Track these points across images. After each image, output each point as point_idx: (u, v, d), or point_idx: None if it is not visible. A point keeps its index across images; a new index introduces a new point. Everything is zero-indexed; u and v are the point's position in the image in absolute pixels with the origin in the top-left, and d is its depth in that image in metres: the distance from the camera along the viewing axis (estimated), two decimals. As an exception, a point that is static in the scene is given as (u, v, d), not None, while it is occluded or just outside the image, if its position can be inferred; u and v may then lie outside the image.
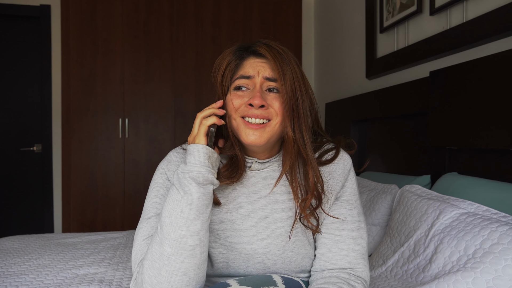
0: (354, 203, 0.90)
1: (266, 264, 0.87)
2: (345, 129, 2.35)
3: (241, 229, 0.86)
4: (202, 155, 0.77)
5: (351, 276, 0.83)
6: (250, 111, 0.81)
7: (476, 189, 1.26)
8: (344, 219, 0.87)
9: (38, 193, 3.08)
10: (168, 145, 3.00)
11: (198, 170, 0.76)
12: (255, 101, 0.79)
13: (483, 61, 1.31)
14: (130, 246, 1.70)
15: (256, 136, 0.81)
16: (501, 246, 0.93)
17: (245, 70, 0.84)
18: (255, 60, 0.84)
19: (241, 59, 0.86)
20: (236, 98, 0.83)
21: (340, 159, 0.91)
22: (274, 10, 3.14)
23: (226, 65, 0.86)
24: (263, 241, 0.86)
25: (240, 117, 0.82)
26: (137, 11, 2.94)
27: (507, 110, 1.20)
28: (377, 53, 2.21)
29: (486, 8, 1.44)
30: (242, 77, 0.83)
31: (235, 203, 0.87)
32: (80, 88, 2.88)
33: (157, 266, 0.75)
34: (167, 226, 0.75)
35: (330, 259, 0.85)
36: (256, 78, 0.83)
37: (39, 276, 1.31)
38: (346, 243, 0.85)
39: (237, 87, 0.84)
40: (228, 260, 0.87)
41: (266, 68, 0.83)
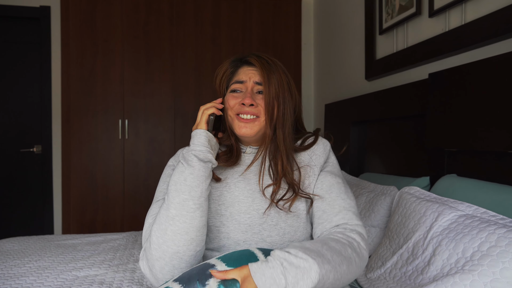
0: (337, 173, 1.06)
1: (263, 236, 0.97)
2: (344, 130, 2.35)
3: (239, 199, 1.00)
4: (203, 137, 0.95)
5: (346, 229, 0.93)
6: (242, 109, 1.00)
7: (474, 191, 1.27)
8: (331, 184, 1.01)
9: (38, 194, 3.09)
10: (168, 145, 3.01)
11: (200, 149, 0.93)
12: (246, 100, 0.99)
13: (482, 64, 1.31)
14: (130, 248, 1.70)
15: (247, 129, 1.00)
16: (498, 248, 0.94)
17: (239, 76, 1.04)
18: (248, 68, 1.04)
19: (236, 68, 1.07)
20: (232, 99, 1.03)
21: (320, 141, 1.09)
22: (273, 11, 3.14)
23: (224, 72, 1.08)
24: (258, 211, 0.98)
25: (235, 114, 1.02)
26: (136, 12, 2.95)
27: (506, 112, 1.20)
28: (377, 55, 2.22)
29: (485, 10, 1.44)
30: (236, 82, 1.04)
31: (233, 178, 1.04)
32: (80, 89, 2.89)
33: (163, 227, 0.89)
34: (173, 192, 0.91)
35: (326, 219, 0.97)
36: (248, 83, 1.03)
37: (40, 278, 1.32)
38: (337, 202, 0.98)
39: (233, 90, 1.04)
40: (229, 231, 0.98)
41: (256, 74, 1.03)
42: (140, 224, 2.95)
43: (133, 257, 1.57)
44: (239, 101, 1.01)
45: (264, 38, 3.13)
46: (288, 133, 1.02)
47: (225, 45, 3.08)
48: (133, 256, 1.58)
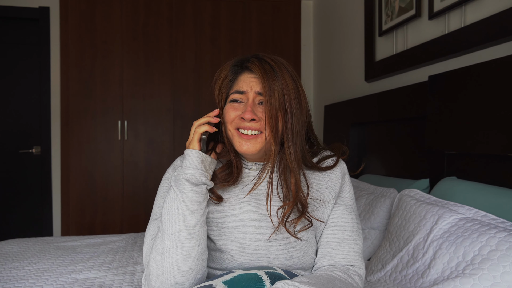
0: (353, 206, 0.99)
1: (268, 259, 0.91)
2: (343, 132, 2.35)
3: (244, 222, 0.92)
4: (195, 159, 0.86)
5: (349, 270, 0.91)
6: (242, 124, 0.89)
7: (474, 194, 1.27)
8: (346, 221, 0.95)
9: (37, 195, 3.08)
10: (167, 147, 3.01)
11: (192, 172, 0.85)
12: (246, 115, 0.87)
13: (482, 66, 1.31)
14: (130, 250, 1.70)
15: (249, 146, 0.89)
16: (499, 252, 0.94)
17: (239, 85, 0.91)
18: (249, 76, 0.91)
19: (236, 74, 0.94)
20: (231, 111, 0.91)
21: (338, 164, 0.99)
22: (273, 12, 3.14)
23: (223, 80, 0.95)
24: (265, 235, 0.91)
25: (234, 128, 0.90)
26: (136, 13, 2.94)
27: (505, 115, 1.20)
28: (376, 56, 2.22)
29: (485, 13, 1.44)
30: (236, 92, 0.91)
31: (237, 198, 0.94)
32: (79, 90, 2.88)
33: (160, 258, 0.84)
34: (166, 222, 0.84)
35: (333, 258, 0.93)
36: (249, 93, 0.90)
37: (39, 281, 1.31)
38: (348, 243, 0.93)
39: (232, 100, 0.92)
40: (233, 254, 0.91)
41: (258, 83, 0.90)
42: (139, 226, 2.95)
43: (132, 259, 1.56)
44: (239, 114, 0.89)
45: (264, 39, 3.13)
46: (300, 148, 0.90)
47: (224, 47, 3.08)
48: (132, 259, 1.58)
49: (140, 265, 1.49)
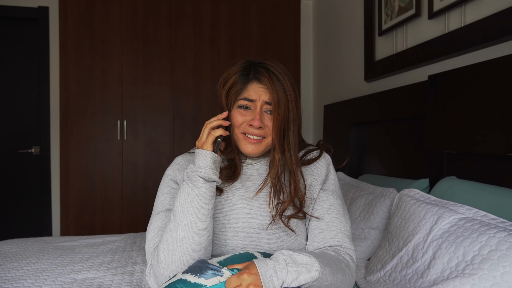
0: (338, 192, 1.07)
1: (261, 243, 0.97)
2: (343, 131, 2.35)
3: (237, 207, 0.99)
4: (209, 159, 0.92)
5: (339, 250, 0.97)
6: (250, 130, 0.98)
7: (474, 194, 1.27)
8: (331, 205, 1.03)
9: (36, 195, 3.08)
10: (166, 147, 3.00)
11: (205, 171, 0.91)
12: (255, 123, 0.97)
13: (481, 66, 1.31)
14: (129, 250, 1.70)
15: (253, 148, 1.00)
16: (499, 252, 0.93)
17: (248, 93, 0.99)
18: (258, 85, 0.99)
19: (245, 83, 1.00)
20: (239, 116, 0.99)
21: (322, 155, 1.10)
22: (272, 12, 3.14)
23: (231, 85, 1.00)
24: (257, 219, 0.98)
25: (241, 132, 0.99)
26: (135, 14, 2.94)
27: (505, 115, 1.20)
28: (376, 56, 2.21)
29: (484, 12, 1.44)
30: (246, 99, 0.99)
31: (231, 186, 1.02)
32: (78, 90, 2.88)
33: (171, 248, 0.90)
34: (180, 214, 0.90)
35: (322, 239, 0.99)
36: (257, 102, 0.98)
37: (37, 281, 1.31)
38: (334, 224, 1.00)
39: (240, 105, 0.99)
40: (227, 238, 0.97)
41: (266, 93, 0.98)
42: (139, 226, 2.94)
43: (131, 260, 1.56)
44: (247, 120, 0.98)
45: (263, 39, 3.12)
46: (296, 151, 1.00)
47: (224, 47, 3.07)
48: (131, 259, 1.57)
49: (139, 265, 1.49)
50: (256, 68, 0.99)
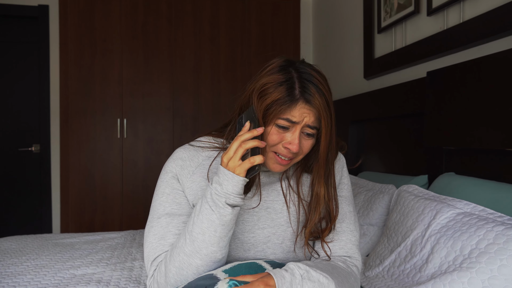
0: (350, 198, 1.00)
1: (266, 253, 0.92)
2: (343, 129, 2.35)
3: (243, 218, 0.91)
4: (240, 186, 0.81)
5: (347, 261, 0.93)
6: (284, 151, 0.86)
7: (472, 189, 1.27)
8: (344, 213, 0.96)
9: (36, 193, 3.08)
10: (166, 145, 3.01)
11: (234, 198, 0.80)
12: (293, 148, 0.84)
13: (480, 62, 1.31)
14: (128, 247, 1.70)
15: (281, 168, 0.88)
16: (496, 246, 0.94)
17: (292, 114, 0.84)
18: (305, 106, 0.84)
19: (291, 102, 0.84)
20: (276, 135, 0.85)
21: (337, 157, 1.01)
22: (272, 10, 3.14)
23: (274, 101, 0.84)
24: (264, 230, 0.91)
25: (272, 151, 0.87)
26: (135, 12, 2.94)
27: (504, 110, 1.20)
28: (375, 54, 2.21)
29: (483, 8, 1.44)
30: (288, 121, 0.84)
31: None
32: (78, 89, 2.88)
33: (185, 273, 0.83)
34: (200, 242, 0.81)
35: (331, 248, 0.94)
36: (299, 125, 0.85)
37: (37, 276, 1.31)
38: (345, 235, 0.95)
39: (280, 126, 0.85)
40: (230, 250, 0.91)
41: (311, 116, 0.85)
42: (139, 224, 2.94)
43: (131, 256, 1.56)
44: (283, 141, 0.85)
45: (263, 37, 3.13)
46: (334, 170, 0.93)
47: (224, 45, 3.08)
48: (131, 255, 1.57)
49: (138, 261, 1.49)
50: (303, 82, 0.85)
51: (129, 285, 1.25)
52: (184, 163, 0.93)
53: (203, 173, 0.92)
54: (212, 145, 0.95)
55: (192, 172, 0.92)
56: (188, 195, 0.91)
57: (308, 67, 0.88)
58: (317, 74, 0.87)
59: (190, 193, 0.91)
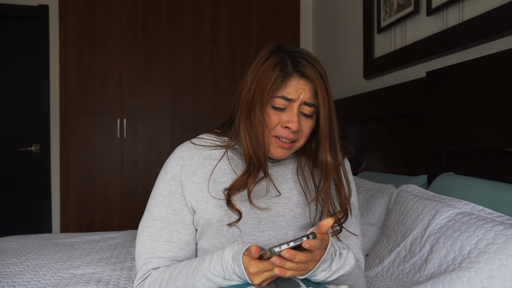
0: (356, 204, 0.99)
1: None
2: (342, 129, 2.35)
3: (244, 220, 0.88)
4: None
5: None
6: (284, 132, 0.85)
7: (472, 189, 1.27)
8: (350, 218, 0.95)
9: (36, 193, 3.08)
10: (166, 145, 3.01)
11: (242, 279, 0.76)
12: (293, 126, 0.83)
13: (479, 62, 1.31)
14: (128, 246, 1.70)
15: (284, 153, 0.88)
16: (495, 245, 0.94)
17: (288, 91, 0.84)
18: (299, 81, 0.84)
19: (285, 78, 0.84)
20: (274, 116, 0.85)
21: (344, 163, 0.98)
22: (272, 10, 3.14)
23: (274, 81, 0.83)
24: (264, 233, 0.89)
25: (273, 135, 0.86)
26: (135, 12, 2.94)
27: (503, 110, 1.20)
28: (375, 54, 2.22)
29: (482, 8, 1.44)
30: (284, 98, 0.84)
31: (240, 195, 0.87)
32: (78, 88, 2.88)
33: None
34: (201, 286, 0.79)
35: None
36: (295, 102, 0.84)
37: (36, 276, 1.31)
38: (352, 239, 0.96)
39: (276, 106, 0.85)
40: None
41: (307, 91, 0.84)
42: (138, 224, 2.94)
43: (130, 256, 1.56)
44: (283, 121, 0.84)
45: (263, 37, 3.13)
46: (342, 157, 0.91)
47: (224, 45, 3.08)
48: (130, 255, 1.58)
49: (138, 261, 1.49)
50: (295, 58, 0.85)
51: (128, 285, 1.25)
52: (184, 162, 0.91)
53: (204, 174, 0.90)
54: (214, 144, 0.94)
55: (192, 172, 0.90)
56: (187, 195, 0.90)
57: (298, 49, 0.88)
58: (309, 53, 0.87)
59: (190, 193, 0.90)
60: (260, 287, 0.73)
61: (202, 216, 0.88)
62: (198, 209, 0.89)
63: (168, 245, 0.88)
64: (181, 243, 0.90)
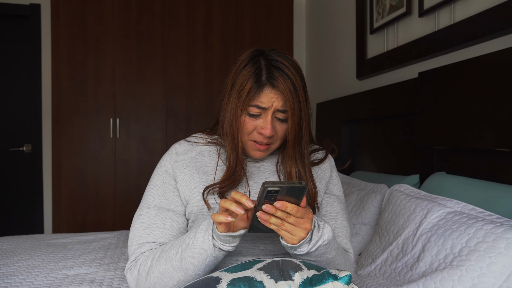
0: (342, 197, 1.07)
1: (256, 243, 0.95)
2: (335, 129, 2.37)
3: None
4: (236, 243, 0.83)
5: None
6: (260, 138, 0.93)
7: (463, 188, 1.29)
8: (337, 210, 1.02)
9: (28, 194, 3.06)
10: (159, 145, 3.00)
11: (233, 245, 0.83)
12: (266, 132, 0.90)
13: (470, 63, 1.33)
14: (121, 247, 1.70)
15: (261, 154, 0.96)
16: (486, 244, 0.95)
17: (261, 100, 0.90)
18: (271, 91, 0.90)
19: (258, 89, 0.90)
20: (250, 122, 0.93)
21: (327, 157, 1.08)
22: (265, 10, 3.15)
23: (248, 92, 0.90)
24: None
25: (250, 140, 0.94)
26: (128, 11, 2.93)
27: (493, 110, 1.22)
28: (367, 54, 2.23)
29: (473, 10, 1.46)
30: (257, 107, 0.91)
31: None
32: (70, 88, 2.86)
33: (165, 281, 0.86)
34: (188, 265, 0.83)
35: None
36: (269, 110, 0.91)
37: (29, 277, 1.30)
38: (340, 230, 1.01)
39: (251, 113, 0.92)
40: None
41: (279, 100, 0.91)
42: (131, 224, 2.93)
43: (124, 256, 1.56)
44: (258, 126, 0.92)
45: (256, 37, 3.13)
46: (308, 158, 0.97)
47: (217, 45, 3.08)
48: (124, 255, 1.57)
49: (131, 261, 1.49)
50: (269, 68, 0.90)
51: (122, 285, 1.25)
52: (178, 157, 1.00)
53: (196, 166, 0.98)
54: (205, 141, 1.03)
55: (185, 165, 0.98)
56: (180, 186, 0.96)
57: (276, 55, 0.92)
58: (285, 60, 0.91)
59: (183, 184, 0.96)
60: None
61: (195, 204, 0.94)
62: (191, 199, 0.95)
63: (160, 231, 0.93)
64: (174, 230, 0.94)
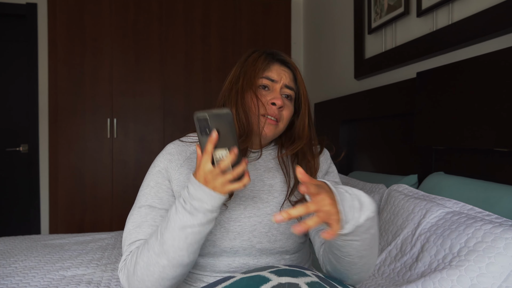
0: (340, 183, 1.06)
1: (252, 242, 0.92)
2: (334, 129, 2.36)
3: (230, 207, 0.93)
4: (219, 202, 0.80)
5: None
6: (271, 109, 0.94)
7: (461, 188, 1.29)
8: None
9: (25, 194, 3.04)
10: (157, 145, 2.99)
11: (212, 214, 0.80)
12: (278, 101, 0.93)
13: (468, 63, 1.33)
14: (119, 247, 1.69)
15: (271, 129, 0.94)
16: (485, 244, 0.95)
17: (271, 73, 0.96)
18: (280, 67, 0.98)
19: (268, 63, 0.97)
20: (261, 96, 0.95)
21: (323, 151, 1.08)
22: (263, 10, 3.14)
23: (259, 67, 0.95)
24: (250, 219, 0.93)
25: (261, 114, 0.94)
26: (125, 11, 2.92)
27: (492, 110, 1.22)
28: (365, 54, 2.23)
29: (471, 10, 1.46)
30: (268, 79, 0.96)
31: None
32: (67, 88, 2.85)
33: (152, 269, 0.83)
34: (169, 247, 0.81)
35: None
36: (278, 84, 0.96)
37: (26, 278, 1.29)
38: None
39: (262, 85, 0.96)
40: (216, 239, 0.92)
41: (287, 76, 0.98)
42: (129, 224, 2.92)
43: (121, 257, 1.55)
44: (268, 99, 0.93)
45: (254, 37, 3.13)
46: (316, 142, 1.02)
47: (215, 45, 3.07)
48: (121, 256, 1.56)
49: (129, 262, 1.48)
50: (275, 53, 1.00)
51: (119, 286, 1.24)
52: (172, 157, 0.98)
53: (191, 166, 0.97)
54: None
55: (180, 165, 0.97)
56: (175, 186, 0.95)
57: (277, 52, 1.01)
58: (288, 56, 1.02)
59: (178, 184, 0.95)
60: None
61: None
62: None
63: (151, 228, 0.90)
64: None
